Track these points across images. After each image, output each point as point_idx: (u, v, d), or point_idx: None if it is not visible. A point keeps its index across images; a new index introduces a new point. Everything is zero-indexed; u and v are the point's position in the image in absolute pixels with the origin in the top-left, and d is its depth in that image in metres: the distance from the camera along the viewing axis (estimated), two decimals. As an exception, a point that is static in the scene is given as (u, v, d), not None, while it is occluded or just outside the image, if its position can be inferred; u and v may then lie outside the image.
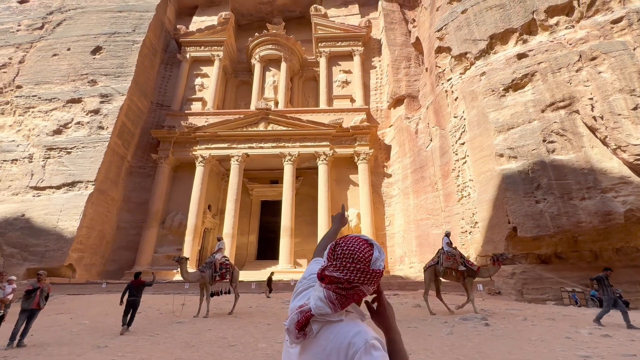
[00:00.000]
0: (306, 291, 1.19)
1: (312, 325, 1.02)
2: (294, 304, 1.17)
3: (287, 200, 21.84)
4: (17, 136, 21.65)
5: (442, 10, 20.04)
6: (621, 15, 14.25)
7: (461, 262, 9.99)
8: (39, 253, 17.95)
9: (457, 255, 10.17)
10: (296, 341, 1.04)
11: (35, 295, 6.90)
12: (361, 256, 1.03)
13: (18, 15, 26.53)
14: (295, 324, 1.02)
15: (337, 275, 1.01)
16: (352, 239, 1.09)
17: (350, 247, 1.05)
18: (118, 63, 23.47)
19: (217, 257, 10.78)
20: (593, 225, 12.46)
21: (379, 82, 26.71)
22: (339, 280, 1.01)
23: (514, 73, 15.69)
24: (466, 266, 9.90)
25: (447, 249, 10.30)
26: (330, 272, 1.03)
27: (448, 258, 10.05)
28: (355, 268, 1.01)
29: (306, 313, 1.02)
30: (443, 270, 10.01)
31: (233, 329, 8.04)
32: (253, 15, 32.02)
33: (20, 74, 23.43)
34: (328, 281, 1.03)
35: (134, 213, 22.74)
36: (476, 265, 10.18)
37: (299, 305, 1.09)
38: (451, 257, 10.05)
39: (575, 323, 8.22)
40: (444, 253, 10.24)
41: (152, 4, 26.55)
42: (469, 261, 10.16)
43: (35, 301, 6.90)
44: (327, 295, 1.01)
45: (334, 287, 1.01)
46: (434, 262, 10.39)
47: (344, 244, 1.07)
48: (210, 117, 24.69)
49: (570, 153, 13.51)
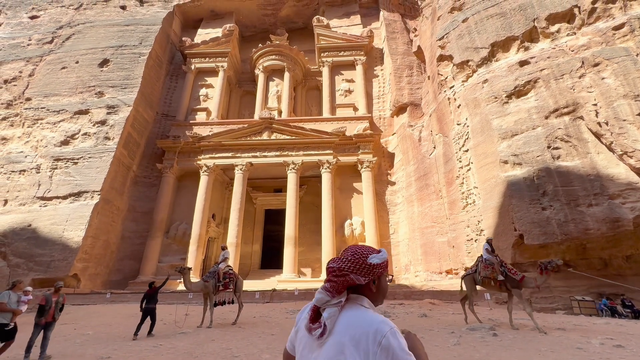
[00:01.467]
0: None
1: (323, 314, 1.19)
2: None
3: (290, 209, 21.82)
4: (26, 147, 22.02)
5: (443, 19, 20.26)
6: (623, 22, 14.28)
7: (500, 271, 9.09)
8: (44, 263, 18.02)
9: (496, 263, 9.26)
10: (318, 334, 1.17)
11: (50, 307, 6.85)
12: (359, 252, 1.28)
13: (29, 30, 27.29)
14: (309, 320, 1.21)
15: (332, 265, 1.26)
16: (361, 245, 1.35)
17: (354, 247, 1.31)
18: (125, 75, 23.95)
19: (221, 266, 10.75)
20: (601, 232, 12.25)
21: (381, 90, 26.88)
22: (332, 270, 1.24)
23: (516, 80, 15.71)
24: (506, 275, 8.99)
25: (486, 257, 9.46)
26: (329, 265, 1.26)
27: (486, 267, 9.26)
28: (347, 259, 1.26)
29: (313, 307, 1.23)
30: (481, 280, 9.31)
31: (237, 340, 7.95)
32: (257, 27, 32.61)
33: (30, 87, 23.97)
34: (327, 274, 1.25)
35: (139, 222, 22.84)
36: (520, 274, 9.07)
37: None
38: (489, 266, 9.22)
39: (586, 333, 8.01)
40: (482, 261, 9.48)
41: (159, 18, 27.20)
42: (511, 270, 9.14)
43: (50, 313, 6.85)
44: (324, 287, 1.23)
45: (328, 278, 1.24)
46: (472, 271, 9.72)
47: (351, 246, 1.34)
48: (214, 127, 24.94)
49: (576, 159, 13.39)
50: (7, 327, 6.05)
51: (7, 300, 6.12)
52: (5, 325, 6.04)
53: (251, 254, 24.38)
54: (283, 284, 19.20)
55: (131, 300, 17.17)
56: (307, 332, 1.20)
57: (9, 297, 6.18)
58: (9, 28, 27.77)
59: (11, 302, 6.16)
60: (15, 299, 6.30)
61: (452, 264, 17.65)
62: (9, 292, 6.29)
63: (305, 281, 20.07)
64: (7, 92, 24.03)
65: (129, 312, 13.65)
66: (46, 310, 6.80)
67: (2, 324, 6.03)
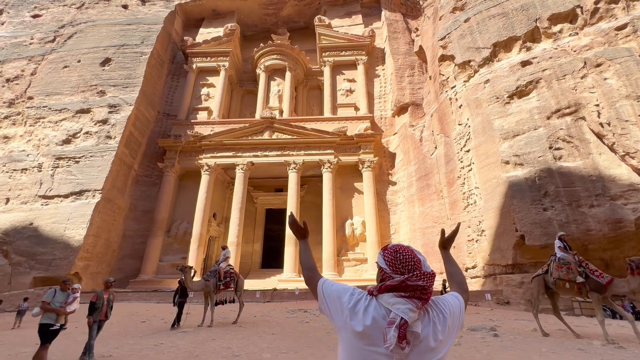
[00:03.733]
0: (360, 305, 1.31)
1: (412, 330, 1.18)
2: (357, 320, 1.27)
3: (291, 209, 21.81)
4: (28, 146, 22.09)
5: (445, 19, 20.23)
6: (625, 22, 14.24)
7: (579, 271, 7.54)
8: (45, 261, 18.08)
9: (573, 262, 7.72)
10: (405, 350, 1.17)
11: (102, 305, 6.58)
12: (423, 261, 1.31)
13: (31, 29, 27.36)
14: (398, 340, 1.16)
15: (421, 283, 1.23)
16: (408, 251, 1.32)
17: (413, 257, 1.30)
18: (126, 74, 23.98)
19: (222, 265, 10.75)
20: (603, 233, 12.22)
21: (382, 90, 26.85)
22: (422, 287, 1.23)
23: (518, 80, 15.68)
24: (587, 277, 7.46)
25: (560, 255, 7.96)
26: (415, 281, 1.23)
27: (559, 267, 7.81)
28: (429, 276, 1.26)
29: (402, 326, 1.17)
30: (553, 282, 7.88)
31: (237, 339, 7.96)
32: (258, 26, 32.62)
33: (32, 86, 24.03)
34: (411, 289, 1.22)
35: (140, 221, 22.88)
36: (607, 276, 7.39)
37: (370, 324, 1.22)
38: (564, 266, 7.75)
39: (587, 334, 7.99)
40: (554, 260, 8.02)
41: (160, 17, 27.23)
42: (594, 271, 7.51)
43: (103, 311, 6.59)
44: (415, 304, 1.21)
45: (418, 294, 1.22)
46: (542, 271, 8.29)
47: (406, 254, 1.31)
48: (215, 126, 24.96)
49: (578, 160, 13.36)
50: (51, 327, 5.60)
51: (51, 299, 5.71)
52: (50, 325, 5.59)
53: (252, 254, 24.41)
54: (284, 284, 19.22)
55: (132, 299, 17.20)
56: (396, 349, 1.17)
57: (54, 296, 5.77)
58: (12, 27, 27.84)
59: (56, 302, 5.74)
60: (62, 298, 5.88)
61: (453, 264, 17.62)
62: (54, 290, 5.89)
63: (306, 281, 20.06)
64: (10, 91, 24.10)
65: (130, 310, 13.69)
66: (98, 308, 6.49)
67: (47, 324, 5.58)
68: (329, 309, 1.35)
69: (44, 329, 5.57)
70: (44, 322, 5.59)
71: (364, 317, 1.23)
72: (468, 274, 16.81)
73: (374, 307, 1.24)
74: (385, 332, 1.17)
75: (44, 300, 5.69)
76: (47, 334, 5.58)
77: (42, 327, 5.58)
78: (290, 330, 9.01)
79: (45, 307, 5.64)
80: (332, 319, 1.34)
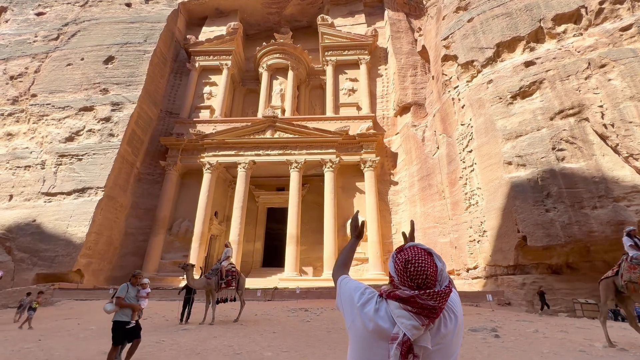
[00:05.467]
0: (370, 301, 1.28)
1: (419, 345, 1.13)
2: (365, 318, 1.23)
3: (293, 208, 21.84)
4: (31, 143, 22.19)
5: (449, 18, 20.16)
6: (630, 23, 14.15)
7: None
8: (48, 258, 18.18)
9: None
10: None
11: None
12: (440, 271, 1.21)
13: (35, 27, 27.46)
14: (400, 357, 1.11)
15: (432, 304, 1.14)
16: (422, 260, 1.20)
17: (426, 270, 1.18)
18: (129, 72, 24.05)
19: (224, 264, 10.77)
20: (605, 234, 12.17)
21: (385, 90, 26.80)
22: (432, 307, 1.14)
23: (521, 81, 15.62)
24: None
25: (633, 254, 6.81)
26: (425, 300, 1.14)
27: (632, 268, 6.65)
28: (440, 296, 1.16)
29: (405, 343, 1.12)
30: (624, 285, 6.79)
31: (238, 337, 7.98)
32: (261, 25, 32.61)
33: (36, 83, 24.13)
34: (419, 307, 1.14)
35: (142, 219, 22.96)
36: None
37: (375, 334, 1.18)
38: (638, 266, 6.62)
39: (589, 336, 7.97)
40: (626, 260, 6.89)
41: (163, 15, 27.27)
42: None
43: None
44: (422, 322, 1.14)
45: (427, 313, 1.14)
46: (612, 273, 7.16)
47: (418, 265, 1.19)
48: (218, 125, 25.00)
49: (581, 161, 13.30)
50: (128, 325, 5.27)
51: (125, 294, 5.34)
52: (126, 323, 5.26)
53: (253, 252, 24.45)
54: (285, 283, 19.25)
55: (134, 297, 17.24)
56: None
57: (127, 291, 5.39)
58: (15, 24, 27.95)
59: (130, 297, 5.40)
60: (134, 293, 5.52)
61: (454, 265, 17.61)
62: (127, 285, 5.49)
63: (307, 280, 20.11)
64: (13, 88, 24.21)
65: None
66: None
67: (123, 322, 5.24)
68: (342, 306, 1.34)
69: (120, 326, 5.21)
70: (119, 320, 5.24)
71: (372, 319, 1.20)
72: (469, 275, 16.79)
73: (384, 310, 1.21)
74: (389, 346, 1.14)
75: (118, 296, 5.31)
76: (122, 333, 5.22)
77: (116, 324, 5.23)
78: (291, 329, 9.03)
79: (121, 303, 5.27)
80: (344, 315, 1.32)
